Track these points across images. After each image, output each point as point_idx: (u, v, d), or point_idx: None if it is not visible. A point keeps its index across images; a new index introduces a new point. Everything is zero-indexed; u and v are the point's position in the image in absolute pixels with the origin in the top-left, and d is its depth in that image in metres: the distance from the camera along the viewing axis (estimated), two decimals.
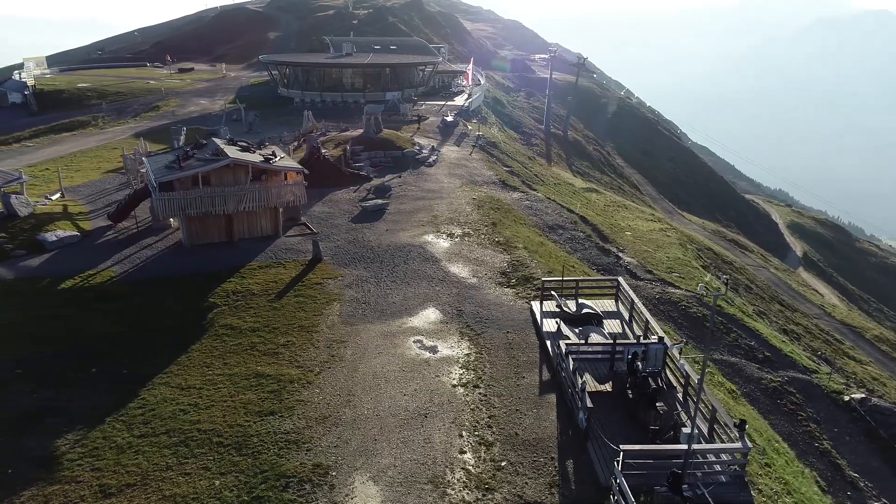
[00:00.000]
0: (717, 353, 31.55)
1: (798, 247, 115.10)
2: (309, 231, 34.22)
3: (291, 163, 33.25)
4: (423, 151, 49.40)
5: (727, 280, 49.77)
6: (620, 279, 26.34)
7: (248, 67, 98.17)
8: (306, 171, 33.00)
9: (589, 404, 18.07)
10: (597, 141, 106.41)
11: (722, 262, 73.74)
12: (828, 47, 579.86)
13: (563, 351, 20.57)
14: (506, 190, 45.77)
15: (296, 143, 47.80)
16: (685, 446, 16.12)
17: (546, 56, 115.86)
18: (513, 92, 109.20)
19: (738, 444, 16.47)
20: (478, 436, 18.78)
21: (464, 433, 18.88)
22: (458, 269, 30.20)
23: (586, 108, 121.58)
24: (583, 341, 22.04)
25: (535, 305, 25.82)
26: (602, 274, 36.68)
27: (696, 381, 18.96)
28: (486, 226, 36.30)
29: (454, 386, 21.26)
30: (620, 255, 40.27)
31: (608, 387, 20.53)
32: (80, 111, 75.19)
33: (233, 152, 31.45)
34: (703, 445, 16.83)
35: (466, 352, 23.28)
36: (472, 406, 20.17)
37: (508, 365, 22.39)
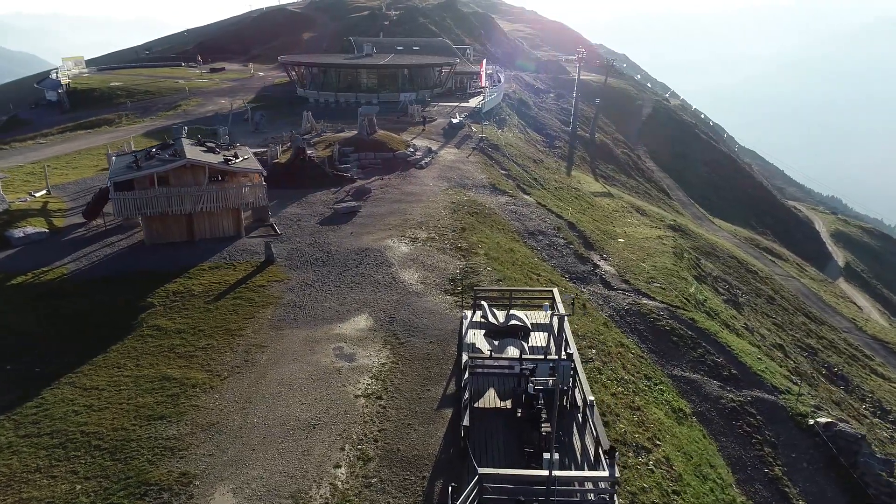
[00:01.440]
0: (677, 368, 30.21)
1: (840, 256, 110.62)
2: (273, 233, 34.20)
3: (253, 164, 33.26)
4: (417, 153, 48.99)
5: (727, 291, 47.95)
6: (555, 290, 25.40)
7: (278, 68, 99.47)
8: (265, 173, 32.96)
9: (465, 422, 17.39)
10: (626, 144, 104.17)
11: (745, 272, 71.60)
12: (890, 47, 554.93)
13: (464, 364, 19.89)
14: (494, 194, 44.98)
15: (288, 144, 47.93)
16: (546, 472, 15.32)
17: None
18: (542, 93, 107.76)
19: (605, 473, 15.56)
20: (360, 450, 18.29)
21: (347, 446, 18.42)
22: (408, 275, 29.69)
23: (619, 110, 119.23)
24: (486, 355, 21.27)
25: (468, 315, 25.13)
26: (574, 283, 35.68)
27: (585, 401, 18.13)
28: (455, 231, 35.67)
29: (357, 396, 20.81)
30: (600, 263, 39.07)
31: (508, 404, 19.74)
32: (107, 109, 77.37)
33: (192, 153, 31.64)
34: (566, 473, 15.94)
35: (383, 361, 22.78)
36: (367, 418, 19.68)
37: (419, 377, 21.82)
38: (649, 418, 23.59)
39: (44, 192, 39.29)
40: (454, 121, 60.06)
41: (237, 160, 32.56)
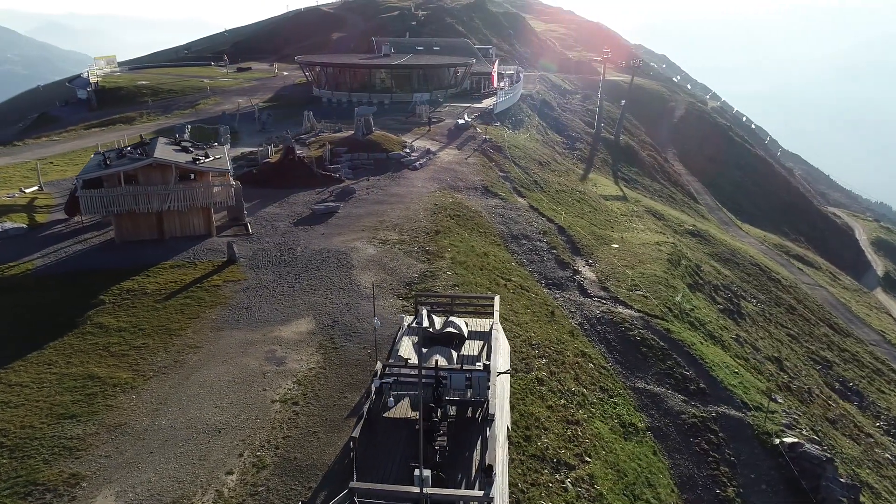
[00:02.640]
0: (641, 381, 29.15)
1: (880, 265, 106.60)
2: (244, 232, 34.25)
3: (223, 164, 33.30)
4: (412, 154, 48.63)
5: (727, 300, 46.36)
6: (497, 298, 24.68)
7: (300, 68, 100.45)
8: (232, 173, 32.96)
9: (356, 433, 16.90)
10: (653, 146, 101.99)
11: (767, 280, 69.52)
12: None
13: (374, 372, 19.42)
14: (485, 196, 44.35)
15: (281, 144, 48.08)
16: (417, 489, 14.76)
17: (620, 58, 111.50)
18: (569, 94, 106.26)
19: (479, 493, 14.90)
20: (258, 456, 18.00)
21: (246, 452, 18.14)
22: (366, 278, 29.33)
23: (650, 112, 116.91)
24: (402, 363, 20.71)
25: (407, 320, 24.62)
26: (549, 289, 34.85)
27: (485, 415, 17.50)
28: (429, 234, 35.19)
29: (273, 401, 20.54)
30: (582, 269, 38.08)
31: (418, 415, 19.17)
32: (131, 107, 79.08)
33: (162, 152, 31.86)
34: (439, 490, 15.30)
35: (311, 366, 22.48)
36: (276, 424, 19.39)
37: (341, 383, 21.45)
38: (586, 433, 22.75)
39: (35, 188, 40.17)
40: (460, 122, 59.52)
41: (207, 160, 32.66)
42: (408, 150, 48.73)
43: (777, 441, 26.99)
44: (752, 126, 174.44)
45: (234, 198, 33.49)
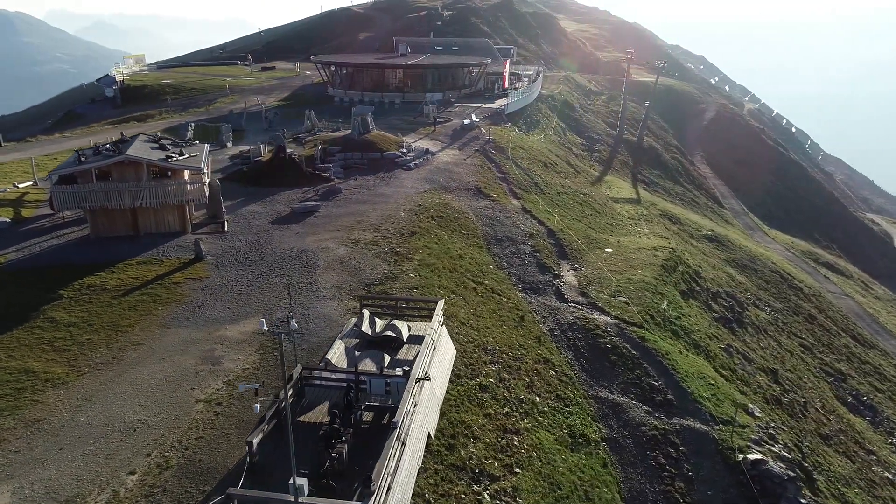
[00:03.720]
0: (605, 390, 28.24)
1: None
2: (220, 230, 34.34)
3: (197, 163, 33.39)
4: (408, 154, 48.30)
5: (726, 308, 44.90)
6: (441, 301, 24.12)
7: None
8: (204, 171, 33.03)
9: (253, 437, 16.61)
10: (678, 149, 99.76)
11: (787, 287, 67.63)
12: None
13: (290, 375, 19.10)
14: (476, 198, 43.76)
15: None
16: (292, 497, 14.39)
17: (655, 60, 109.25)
18: (594, 95, 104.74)
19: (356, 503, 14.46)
20: (165, 457, 17.85)
21: (155, 452, 18.02)
22: (327, 279, 29.09)
23: (679, 114, 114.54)
24: (322, 366, 20.35)
25: (351, 322, 24.27)
26: (524, 293, 34.10)
27: (389, 421, 17.04)
28: (403, 235, 34.81)
29: (198, 401, 20.41)
30: (565, 273, 37.20)
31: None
32: (153, 105, 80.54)
33: (136, 149, 32.13)
34: (314, 500, 14.85)
35: (246, 367, 22.32)
36: (193, 424, 19.24)
37: (270, 385, 21.17)
38: (524, 443, 22.06)
39: (29, 183, 40.98)
40: (466, 122, 58.98)
41: (181, 158, 32.82)
42: (404, 150, 48.40)
43: (740, 457, 25.84)
44: (793, 129, 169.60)
45: (207, 195, 33.53)
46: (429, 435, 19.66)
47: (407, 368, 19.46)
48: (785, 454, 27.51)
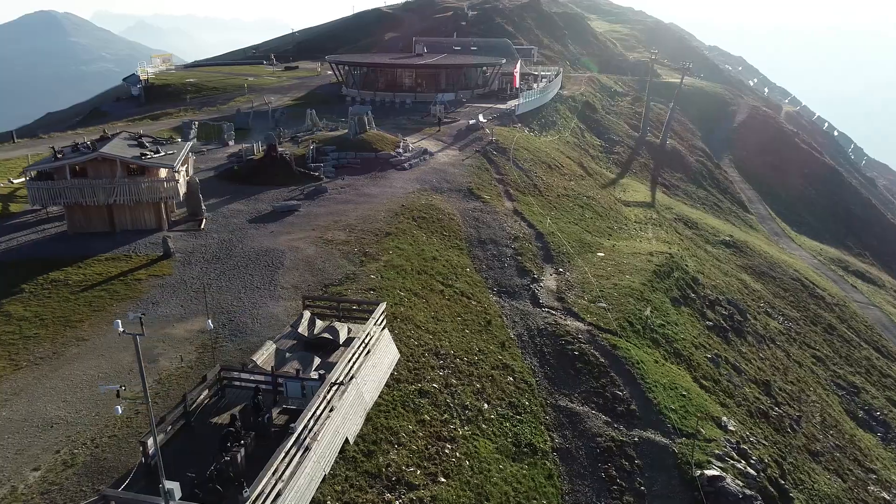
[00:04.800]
0: (566, 398, 27.42)
1: None
2: (196, 228, 34.49)
3: (171, 161, 33.54)
4: (403, 154, 47.96)
5: (724, 317, 43.42)
6: (382, 304, 23.66)
7: None
8: (176, 169, 33.16)
9: (149, 438, 16.41)
10: (704, 151, 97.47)
11: (807, 296, 65.79)
12: None
13: (204, 377, 18.91)
14: (467, 199, 43.20)
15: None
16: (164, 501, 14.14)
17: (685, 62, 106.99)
18: (619, 96, 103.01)
19: None
20: (73, 454, 17.84)
21: (64, 449, 18.02)
22: (287, 279, 28.93)
23: (708, 115, 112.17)
24: (240, 368, 20.09)
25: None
26: (498, 297, 33.44)
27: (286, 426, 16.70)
28: (378, 235, 34.48)
29: (123, 399, 20.30)
30: (545, 277, 36.38)
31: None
32: (174, 104, 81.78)
33: (112, 147, 32.45)
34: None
35: (180, 365, 22.25)
36: (112, 422, 19.21)
37: (189, 385, 21.01)
38: (457, 451, 21.48)
39: (24, 179, 41.75)
40: (471, 122, 58.40)
41: (156, 156, 33.05)
42: (400, 150, 48.07)
43: (698, 473, 24.80)
44: (835, 133, 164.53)
45: (181, 193, 33.67)
46: (346, 440, 19.24)
47: (322, 372, 19.10)
48: (750, 471, 26.32)
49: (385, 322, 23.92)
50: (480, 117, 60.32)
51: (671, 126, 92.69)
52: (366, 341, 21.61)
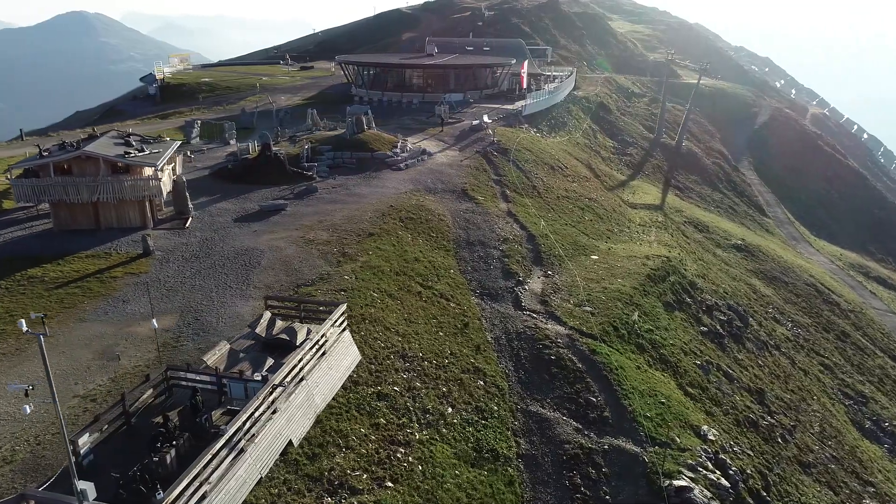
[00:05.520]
0: (537, 404, 26.92)
1: None
2: (180, 226, 34.62)
3: (155, 160, 33.68)
4: (400, 154, 47.74)
5: (721, 323, 42.46)
6: (343, 306, 23.41)
7: None
8: (159, 168, 33.28)
9: (77, 436, 16.36)
10: (721, 153, 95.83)
11: (821, 302, 64.42)
12: None
13: (147, 376, 18.84)
14: (459, 200, 42.82)
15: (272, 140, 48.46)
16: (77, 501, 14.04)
17: (701, 62, 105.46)
18: (636, 97, 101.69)
19: None
20: (15, 451, 18.01)
21: (6, 446, 18.15)
22: (261, 279, 28.84)
23: (729, 117, 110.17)
24: (186, 368, 19.96)
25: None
26: (480, 299, 33.01)
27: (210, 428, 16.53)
28: (360, 236, 34.28)
29: (75, 396, 20.47)
30: (531, 280, 35.84)
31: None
32: (188, 103, 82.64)
33: (98, 145, 32.70)
34: None
35: (138, 363, 22.23)
36: (50, 424, 19.19)
37: (132, 385, 20.97)
38: (411, 456, 21.14)
39: (4, 176, 42.35)
40: (474, 122, 58.00)
41: (140, 154, 33.23)
42: (397, 150, 47.86)
43: (666, 483, 24.14)
44: (864, 136, 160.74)
45: (160, 192, 33.79)
46: (290, 443, 19.02)
47: (265, 373, 18.92)
48: (724, 482, 25.57)
49: (345, 324, 23.69)
50: (485, 118, 59.86)
51: (688, 127, 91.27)
52: (319, 343, 21.39)
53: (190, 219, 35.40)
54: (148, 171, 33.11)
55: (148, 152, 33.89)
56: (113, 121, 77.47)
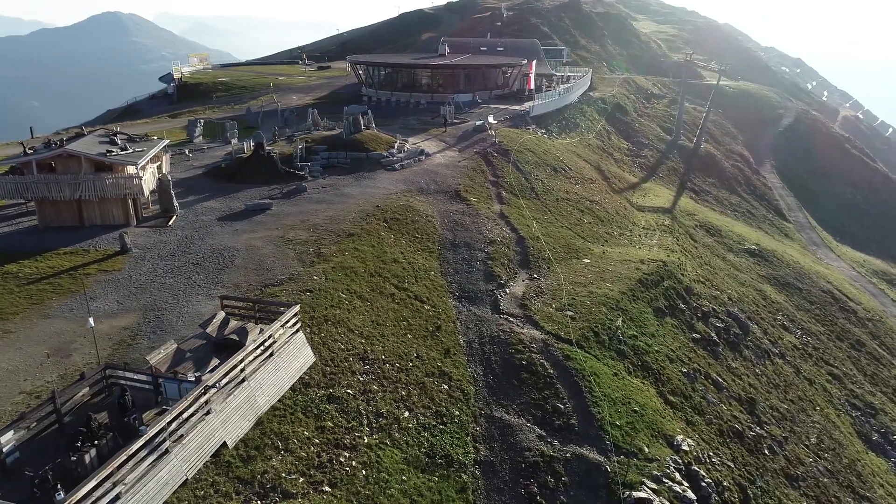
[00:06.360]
0: (502, 409, 26.41)
1: None
2: (163, 224, 34.80)
3: (136, 158, 33.89)
4: (396, 155, 47.52)
5: (720, 331, 41.40)
6: (296, 307, 23.19)
7: None
8: (141, 167, 33.48)
9: (6, 436, 16.36)
10: (742, 156, 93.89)
11: (837, 310, 63.01)
12: None
13: (83, 374, 18.81)
14: (451, 201, 42.44)
15: (274, 140, 48.61)
16: None
17: (717, 62, 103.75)
18: (655, 98, 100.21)
19: None
20: None
21: None
22: (231, 278, 28.79)
23: (752, 119, 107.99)
24: (124, 367, 19.89)
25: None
26: (458, 302, 32.59)
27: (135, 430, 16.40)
28: (339, 236, 34.09)
29: (21, 392, 20.50)
30: (514, 283, 35.31)
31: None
32: (203, 102, 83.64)
33: (80, 144, 33.03)
34: None
35: (90, 361, 22.23)
36: (9, 417, 19.27)
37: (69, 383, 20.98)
38: (355, 460, 20.82)
39: None
40: (477, 123, 57.55)
41: (123, 153, 33.48)
42: (393, 151, 47.64)
43: (625, 494, 23.47)
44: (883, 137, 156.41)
45: (141, 191, 33.97)
46: (224, 444, 18.84)
47: (199, 374, 18.77)
48: (689, 495, 24.78)
49: (299, 325, 23.46)
50: (490, 118, 59.38)
51: (707, 129, 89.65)
52: (265, 343, 21.20)
53: (174, 217, 35.57)
54: (130, 170, 33.31)
55: (131, 151, 34.13)
56: (130, 119, 78.80)
